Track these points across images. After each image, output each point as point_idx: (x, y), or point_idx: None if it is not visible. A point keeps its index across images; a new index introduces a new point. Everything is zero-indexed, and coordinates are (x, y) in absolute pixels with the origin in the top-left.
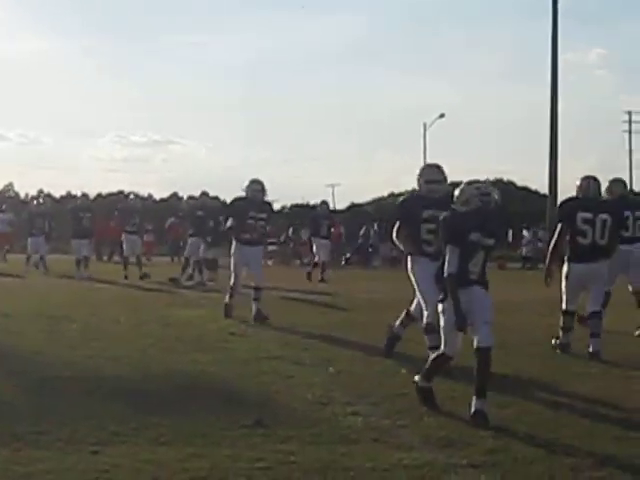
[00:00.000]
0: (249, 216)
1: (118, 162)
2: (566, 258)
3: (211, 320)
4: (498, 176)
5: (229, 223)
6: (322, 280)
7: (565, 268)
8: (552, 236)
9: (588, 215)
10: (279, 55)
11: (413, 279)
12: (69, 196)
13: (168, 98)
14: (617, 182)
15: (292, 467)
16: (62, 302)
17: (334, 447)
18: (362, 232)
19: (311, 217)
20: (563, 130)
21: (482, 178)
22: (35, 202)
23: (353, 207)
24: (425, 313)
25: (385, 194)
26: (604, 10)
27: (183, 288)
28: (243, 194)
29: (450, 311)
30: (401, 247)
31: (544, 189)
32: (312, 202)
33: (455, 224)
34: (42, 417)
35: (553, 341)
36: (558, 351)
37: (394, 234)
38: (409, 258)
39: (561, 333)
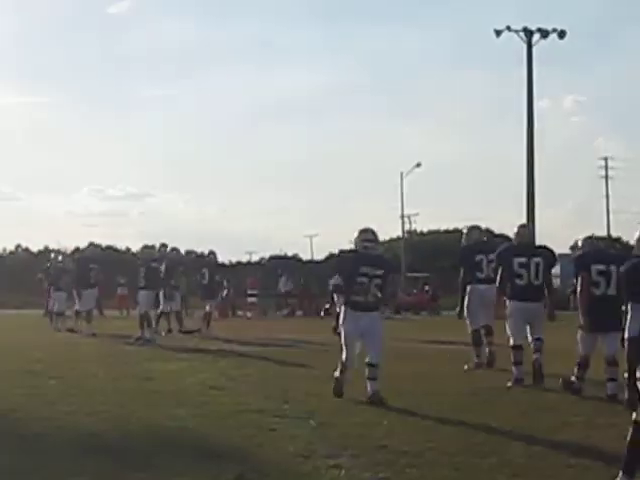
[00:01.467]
0: (360, 272)
1: (95, 216)
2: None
3: (190, 374)
4: (475, 223)
5: (334, 280)
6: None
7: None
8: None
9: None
10: (249, 106)
11: None
12: (47, 250)
13: (144, 151)
14: (473, 229)
15: None
16: (41, 357)
17: None
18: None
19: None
20: (540, 177)
21: (460, 226)
22: (60, 258)
23: (332, 257)
24: None
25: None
26: (579, 56)
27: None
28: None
29: None
30: None
31: None
32: (290, 253)
33: None
34: (22, 476)
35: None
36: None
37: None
38: None
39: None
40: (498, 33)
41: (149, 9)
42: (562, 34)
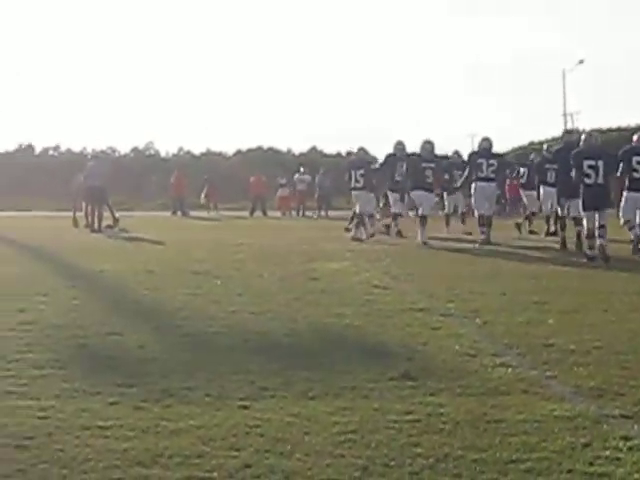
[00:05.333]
0: None
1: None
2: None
3: (354, 273)
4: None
5: None
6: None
7: None
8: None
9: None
10: None
11: None
12: (209, 153)
13: None
14: (484, 140)
15: (442, 419)
16: (205, 258)
17: (484, 399)
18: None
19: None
20: None
21: (623, 124)
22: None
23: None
24: None
25: (525, 143)
26: None
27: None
28: None
29: None
30: None
31: None
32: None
33: None
34: (190, 373)
35: None
36: None
37: None
38: None
39: None
40: None
41: None
42: None
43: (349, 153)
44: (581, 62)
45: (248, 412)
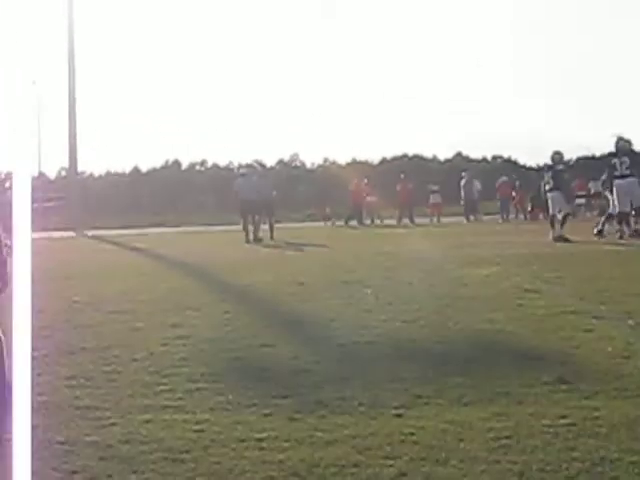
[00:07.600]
0: None
1: None
2: None
3: (505, 278)
4: None
5: None
6: None
7: None
8: None
9: None
10: None
11: None
12: (354, 162)
13: None
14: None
15: (598, 423)
16: (354, 267)
17: None
18: None
19: None
20: None
21: None
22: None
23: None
24: None
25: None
26: None
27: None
28: None
29: None
30: None
31: None
32: (598, 153)
33: None
34: (343, 383)
35: None
36: None
37: None
38: None
39: None
40: None
41: None
42: None
43: (495, 157)
44: None
45: (402, 420)
